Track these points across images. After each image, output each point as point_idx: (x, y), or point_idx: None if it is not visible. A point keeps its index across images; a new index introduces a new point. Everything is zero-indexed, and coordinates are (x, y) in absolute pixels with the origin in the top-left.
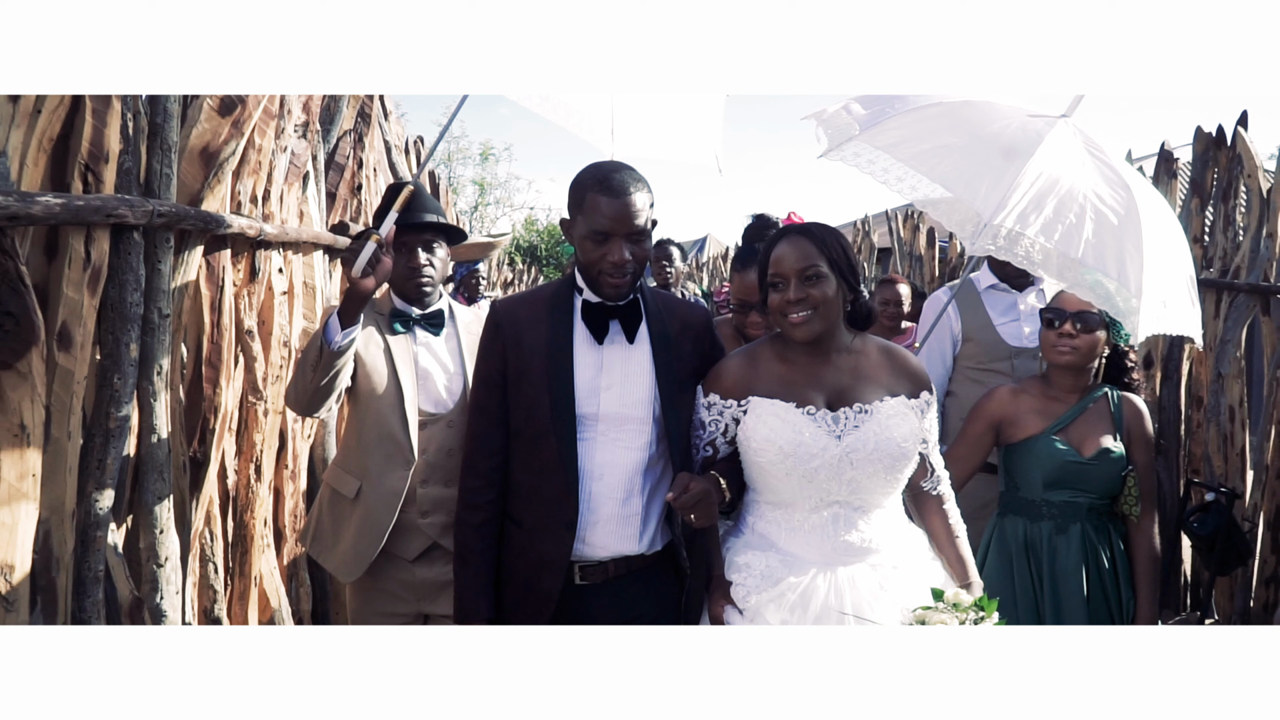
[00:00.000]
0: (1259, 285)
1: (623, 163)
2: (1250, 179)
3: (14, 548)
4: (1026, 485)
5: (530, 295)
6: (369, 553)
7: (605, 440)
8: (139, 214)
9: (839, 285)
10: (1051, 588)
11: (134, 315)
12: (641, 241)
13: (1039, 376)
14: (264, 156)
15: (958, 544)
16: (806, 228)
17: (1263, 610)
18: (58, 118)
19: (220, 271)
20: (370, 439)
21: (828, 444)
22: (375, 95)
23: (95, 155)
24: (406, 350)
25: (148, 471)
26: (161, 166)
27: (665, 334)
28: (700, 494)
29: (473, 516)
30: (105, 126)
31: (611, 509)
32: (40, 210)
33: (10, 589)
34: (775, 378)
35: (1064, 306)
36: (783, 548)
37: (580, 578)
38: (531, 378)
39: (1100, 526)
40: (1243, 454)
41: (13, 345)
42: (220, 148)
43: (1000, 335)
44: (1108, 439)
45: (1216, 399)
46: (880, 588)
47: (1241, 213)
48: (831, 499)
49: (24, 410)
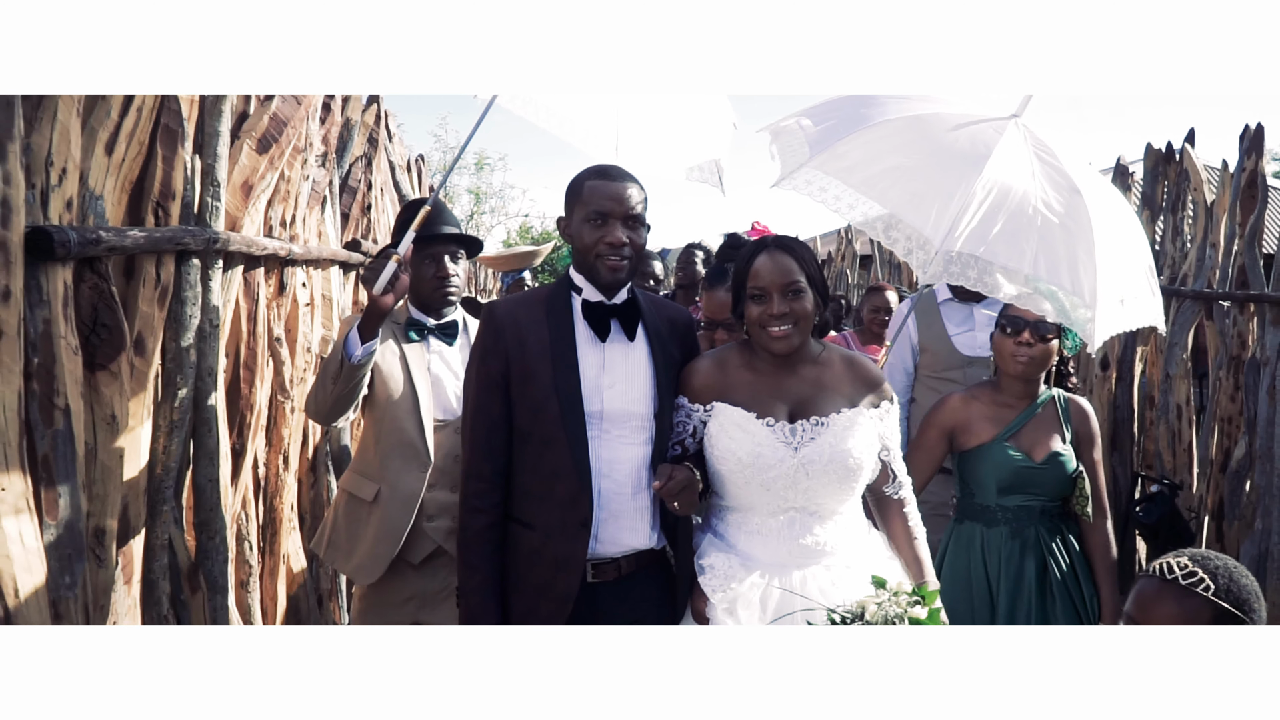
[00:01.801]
0: (1202, 292)
1: (614, 164)
2: (1196, 192)
3: (110, 515)
4: (981, 491)
5: (527, 297)
6: (387, 554)
7: (610, 438)
8: (199, 242)
9: (815, 299)
10: (1009, 590)
11: (191, 326)
12: (637, 229)
13: (988, 383)
14: (292, 186)
15: (916, 546)
16: (787, 243)
17: None
18: (136, 164)
19: (255, 287)
20: (387, 444)
21: (784, 455)
22: (382, 121)
23: (165, 194)
24: (421, 358)
25: (201, 457)
26: (212, 200)
27: (659, 332)
28: (685, 481)
29: (477, 520)
30: (173, 170)
31: (622, 504)
32: (130, 242)
33: (103, 550)
34: (741, 385)
35: (1022, 315)
36: (741, 549)
37: (592, 576)
38: (537, 380)
39: (1054, 528)
40: (1190, 449)
41: (108, 351)
42: (257, 182)
43: (954, 345)
44: (1057, 442)
45: (1166, 398)
46: (832, 584)
47: (1189, 224)
48: (788, 505)
49: (114, 403)
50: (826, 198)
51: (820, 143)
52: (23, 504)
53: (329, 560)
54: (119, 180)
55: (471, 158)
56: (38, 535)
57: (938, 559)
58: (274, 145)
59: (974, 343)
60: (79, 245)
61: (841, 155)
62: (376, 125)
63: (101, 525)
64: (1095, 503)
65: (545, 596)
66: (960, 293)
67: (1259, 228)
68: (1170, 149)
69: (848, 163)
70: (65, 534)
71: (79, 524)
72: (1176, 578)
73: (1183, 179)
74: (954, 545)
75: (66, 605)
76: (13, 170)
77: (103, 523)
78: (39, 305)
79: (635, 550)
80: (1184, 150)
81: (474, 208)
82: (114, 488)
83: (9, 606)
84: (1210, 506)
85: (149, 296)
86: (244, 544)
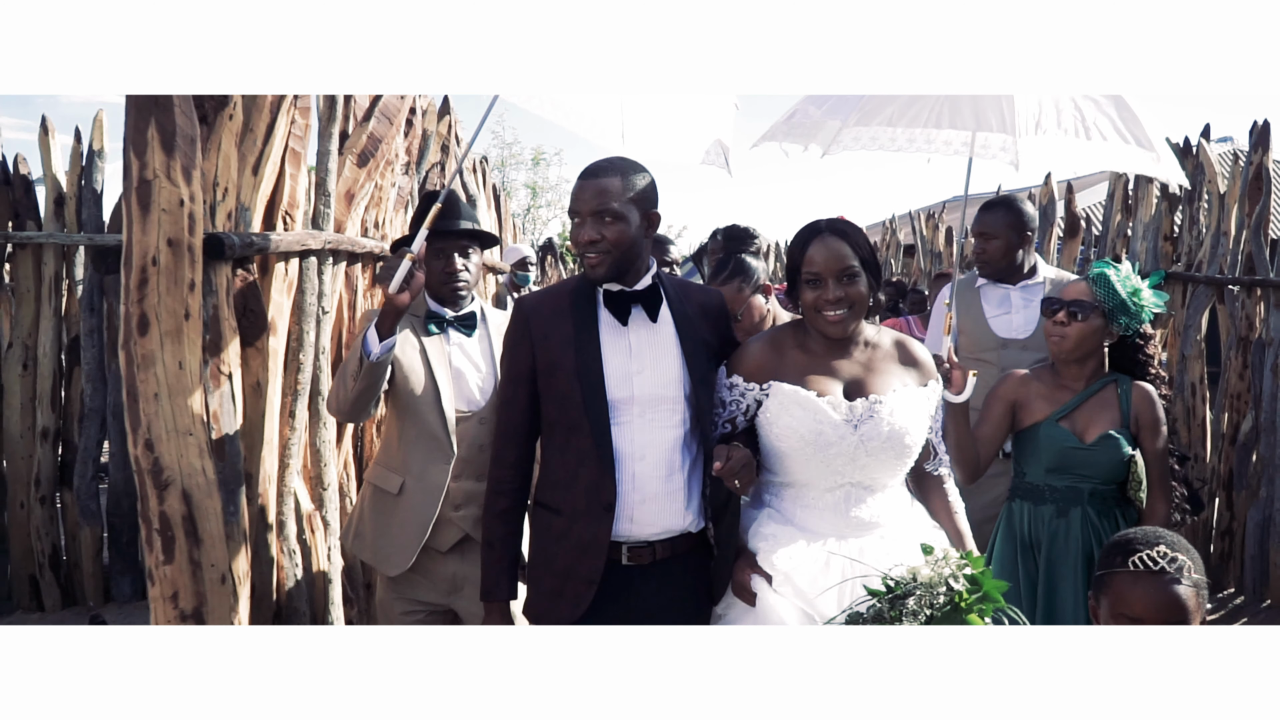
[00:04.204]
0: (1214, 278)
1: (622, 156)
2: (1210, 184)
3: (255, 463)
4: (1031, 470)
5: (554, 290)
6: (414, 545)
7: (643, 421)
8: (319, 242)
9: (869, 282)
10: (1047, 569)
11: (311, 312)
12: (612, 222)
13: (1049, 365)
14: (383, 193)
15: (956, 519)
16: (841, 228)
17: (1221, 560)
18: (270, 180)
19: (354, 279)
20: (411, 436)
21: (845, 433)
22: (452, 130)
23: (292, 204)
24: (441, 351)
25: (315, 420)
26: (324, 208)
27: (686, 315)
28: (744, 459)
29: (498, 503)
30: (296, 185)
31: (656, 486)
32: (271, 245)
33: (251, 490)
34: (796, 366)
35: (1061, 296)
36: (799, 522)
37: (627, 559)
38: (562, 369)
39: (1105, 511)
40: (1204, 425)
41: (254, 331)
42: (358, 191)
43: (990, 327)
44: (1111, 426)
45: (1182, 377)
46: (887, 555)
47: (1204, 214)
48: (844, 480)
49: (259, 373)
50: (883, 142)
51: (844, 109)
52: (204, 445)
53: (356, 551)
54: (260, 194)
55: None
56: (215, 471)
57: (991, 538)
58: (371, 159)
59: (1010, 325)
60: (240, 248)
61: (876, 108)
62: (448, 134)
63: (250, 471)
64: (1153, 488)
65: (571, 578)
66: (997, 275)
67: (1265, 217)
68: (1187, 143)
69: (889, 111)
70: (230, 471)
71: (239, 465)
72: (1163, 568)
73: (1199, 172)
74: (1004, 523)
75: (231, 528)
76: (196, 191)
77: (251, 469)
78: (210, 294)
79: (671, 532)
80: (1200, 144)
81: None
82: (257, 441)
83: (197, 524)
84: (1222, 477)
85: (279, 287)
86: (346, 499)
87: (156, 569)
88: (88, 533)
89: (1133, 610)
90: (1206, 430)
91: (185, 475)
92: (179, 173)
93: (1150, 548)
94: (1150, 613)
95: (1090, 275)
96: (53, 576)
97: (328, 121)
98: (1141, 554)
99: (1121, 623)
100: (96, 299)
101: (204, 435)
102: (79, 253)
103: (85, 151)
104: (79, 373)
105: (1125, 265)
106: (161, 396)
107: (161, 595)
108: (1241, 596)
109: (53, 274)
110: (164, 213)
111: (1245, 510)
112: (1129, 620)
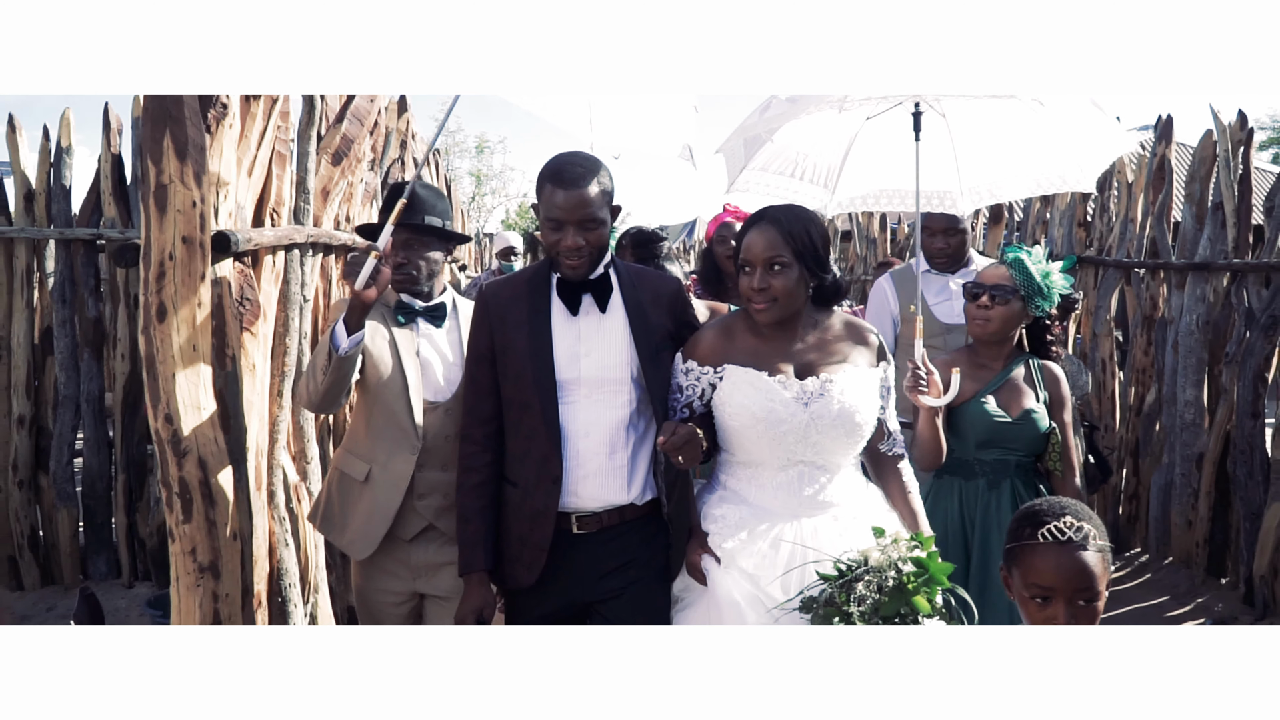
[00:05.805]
0: (1122, 261)
1: (582, 153)
2: (1119, 173)
3: (249, 439)
4: (961, 446)
5: (513, 277)
6: (378, 532)
7: (589, 401)
8: (302, 236)
9: (802, 272)
10: (982, 539)
11: (296, 300)
12: (594, 228)
13: (967, 348)
14: (353, 189)
15: (910, 499)
16: (777, 216)
17: (1128, 521)
18: (260, 180)
19: (328, 269)
20: (378, 425)
21: (795, 410)
22: (409, 126)
23: (279, 202)
24: (410, 341)
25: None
26: (304, 204)
27: (639, 302)
28: (687, 435)
29: (469, 479)
30: (282, 184)
31: (599, 463)
32: (265, 240)
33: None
34: (748, 349)
35: (982, 280)
36: (753, 501)
37: (577, 528)
38: (516, 351)
39: (1028, 483)
40: (1113, 397)
41: (249, 318)
42: (333, 188)
43: (934, 314)
44: (1031, 402)
45: (1093, 354)
46: (839, 535)
47: (1114, 202)
48: (797, 459)
49: (255, 355)
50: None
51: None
52: (216, 419)
53: (324, 532)
54: (252, 194)
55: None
56: (225, 441)
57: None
58: (344, 158)
59: (952, 311)
60: (242, 243)
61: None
62: (405, 130)
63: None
64: (1064, 459)
65: (525, 544)
66: (938, 264)
67: (1167, 205)
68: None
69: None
70: (235, 444)
71: (243, 439)
72: (1070, 537)
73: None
74: (934, 497)
75: (239, 493)
76: (206, 193)
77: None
78: (215, 285)
79: (615, 505)
80: None
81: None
82: (253, 419)
83: (211, 488)
84: (1129, 445)
85: (268, 278)
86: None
87: (176, 527)
88: (64, 514)
89: (1044, 580)
90: (1115, 402)
91: (200, 445)
92: (191, 177)
93: (1057, 519)
94: (1060, 581)
95: (1006, 260)
96: (31, 557)
97: (307, 125)
98: (1049, 525)
99: (1034, 592)
100: (68, 291)
101: (215, 410)
102: (49, 246)
103: (54, 148)
104: (52, 362)
105: (1038, 249)
106: (178, 375)
107: (181, 550)
108: (1146, 555)
109: (24, 267)
110: (179, 213)
111: (1149, 475)
112: (1040, 589)
